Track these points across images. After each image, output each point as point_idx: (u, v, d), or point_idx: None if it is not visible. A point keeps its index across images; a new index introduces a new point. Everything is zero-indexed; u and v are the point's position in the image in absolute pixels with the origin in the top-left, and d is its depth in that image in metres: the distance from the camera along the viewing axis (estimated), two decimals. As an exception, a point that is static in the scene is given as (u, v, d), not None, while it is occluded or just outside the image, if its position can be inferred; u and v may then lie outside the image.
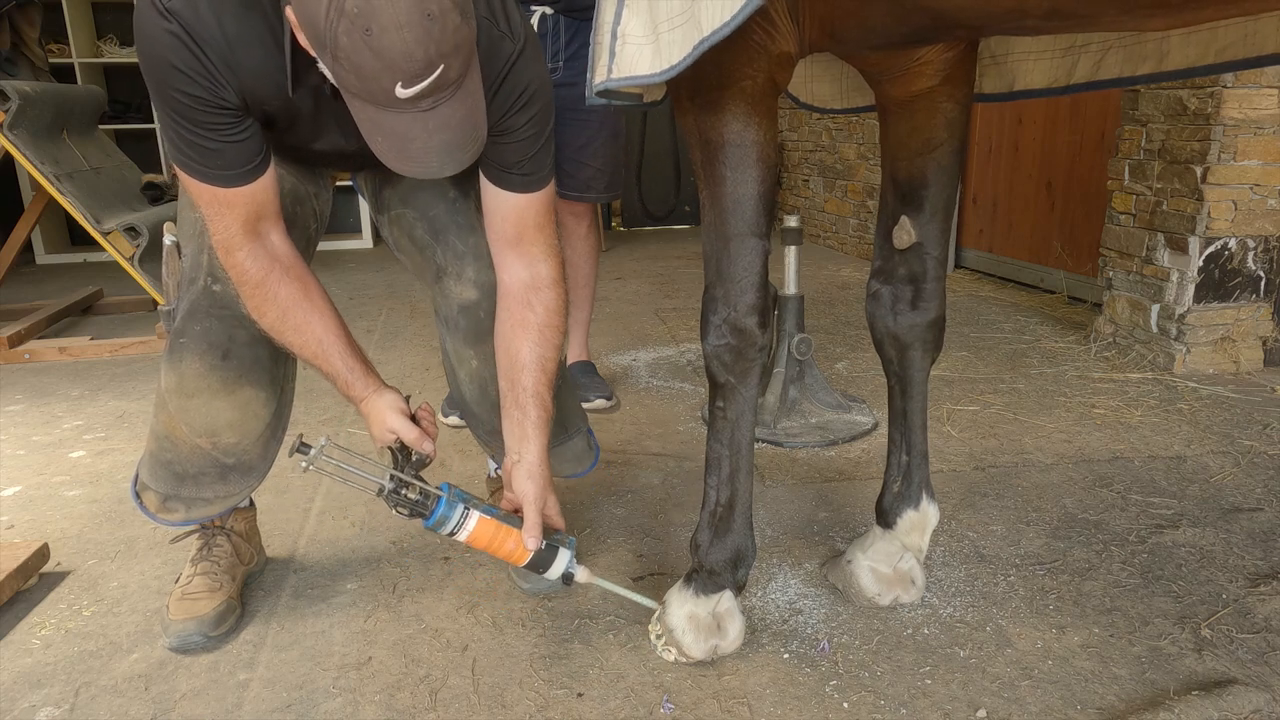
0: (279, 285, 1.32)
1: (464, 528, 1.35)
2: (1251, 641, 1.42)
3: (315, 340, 1.37)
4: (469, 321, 1.50)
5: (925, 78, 1.33)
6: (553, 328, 1.42)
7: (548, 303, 1.42)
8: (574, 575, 1.42)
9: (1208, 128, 2.59)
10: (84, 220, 3.29)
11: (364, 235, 6.14)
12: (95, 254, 5.44)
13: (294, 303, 1.33)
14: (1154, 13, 0.98)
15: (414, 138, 1.05)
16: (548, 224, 1.41)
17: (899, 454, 1.54)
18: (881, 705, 1.30)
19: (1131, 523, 1.83)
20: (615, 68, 1.14)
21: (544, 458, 1.42)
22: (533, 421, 1.41)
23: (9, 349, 3.23)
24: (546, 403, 1.42)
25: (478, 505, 1.37)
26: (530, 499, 1.38)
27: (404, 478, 1.35)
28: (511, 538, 1.37)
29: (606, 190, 2.53)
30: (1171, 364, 2.76)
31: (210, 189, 1.23)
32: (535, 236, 1.40)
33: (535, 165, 1.35)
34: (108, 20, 5.78)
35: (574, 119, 2.39)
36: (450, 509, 1.34)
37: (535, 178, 1.36)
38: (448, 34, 0.98)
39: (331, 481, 2.11)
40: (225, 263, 1.31)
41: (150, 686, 1.38)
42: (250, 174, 1.25)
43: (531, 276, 1.42)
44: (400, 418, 1.39)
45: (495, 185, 1.38)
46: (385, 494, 1.34)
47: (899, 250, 1.44)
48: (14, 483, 2.17)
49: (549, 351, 1.42)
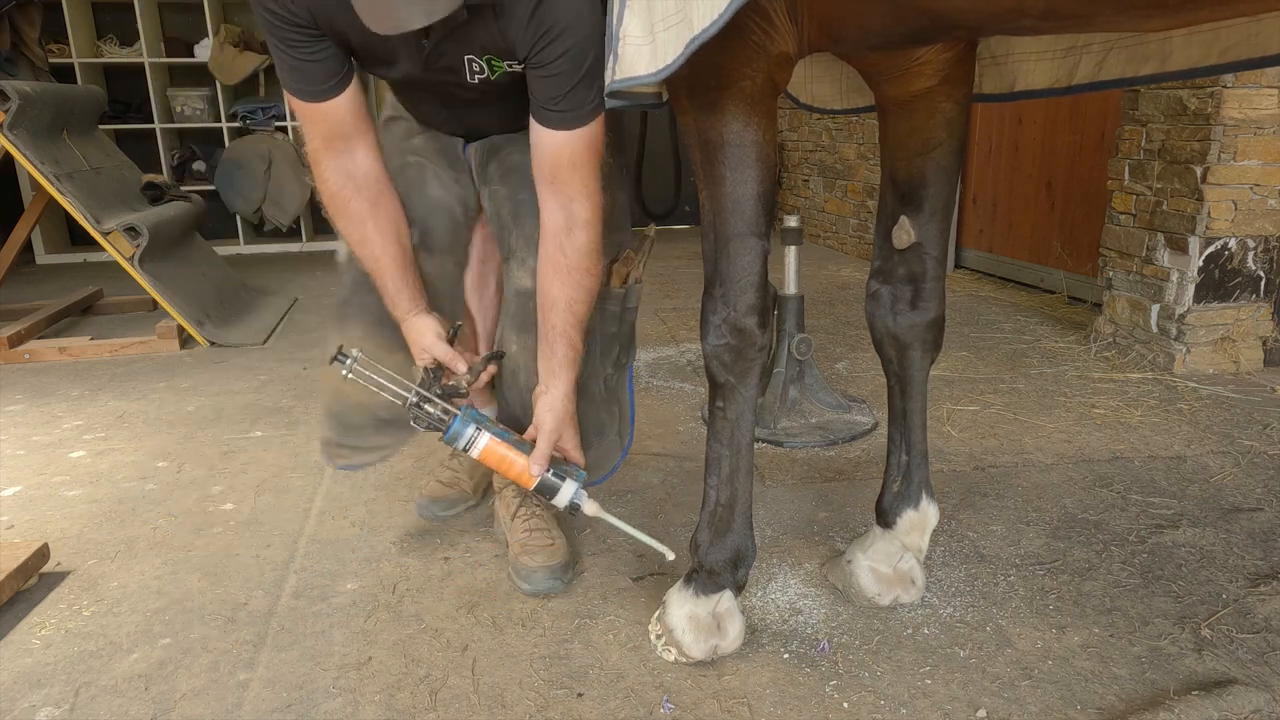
0: (351, 200, 1.46)
1: (475, 445, 1.45)
2: (1251, 641, 1.42)
3: (373, 257, 1.50)
4: (519, 308, 1.57)
5: (924, 78, 1.33)
6: (580, 269, 1.44)
7: (577, 244, 1.42)
8: (580, 506, 1.47)
9: (1208, 128, 2.59)
10: (84, 220, 3.29)
11: (364, 235, 6.14)
12: (95, 254, 5.44)
13: (360, 219, 1.47)
14: (1151, 13, 0.98)
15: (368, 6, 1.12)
16: (584, 164, 1.39)
17: (899, 454, 1.53)
18: (881, 705, 1.30)
19: (1131, 523, 1.83)
20: (618, 69, 1.15)
21: (568, 394, 1.47)
22: (559, 359, 1.47)
23: (9, 349, 3.23)
24: (574, 341, 1.47)
25: (491, 428, 1.46)
26: (545, 429, 1.45)
27: (426, 394, 1.46)
28: (521, 461, 1.45)
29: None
30: (1171, 364, 2.76)
31: (298, 103, 1.40)
32: (569, 176, 1.39)
33: (571, 103, 1.33)
34: (108, 20, 5.78)
35: None
36: (464, 426, 1.44)
37: (570, 115, 1.34)
38: None
39: (332, 481, 2.12)
40: (313, 171, 1.48)
41: (150, 686, 1.38)
42: (327, 92, 1.37)
43: (566, 217, 1.42)
44: (435, 339, 1.51)
45: (535, 121, 1.38)
46: (408, 406, 1.45)
47: (898, 250, 1.44)
48: (14, 483, 2.17)
49: (577, 293, 1.44)
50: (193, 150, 5.95)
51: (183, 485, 2.13)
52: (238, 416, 2.61)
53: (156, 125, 5.72)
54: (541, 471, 1.45)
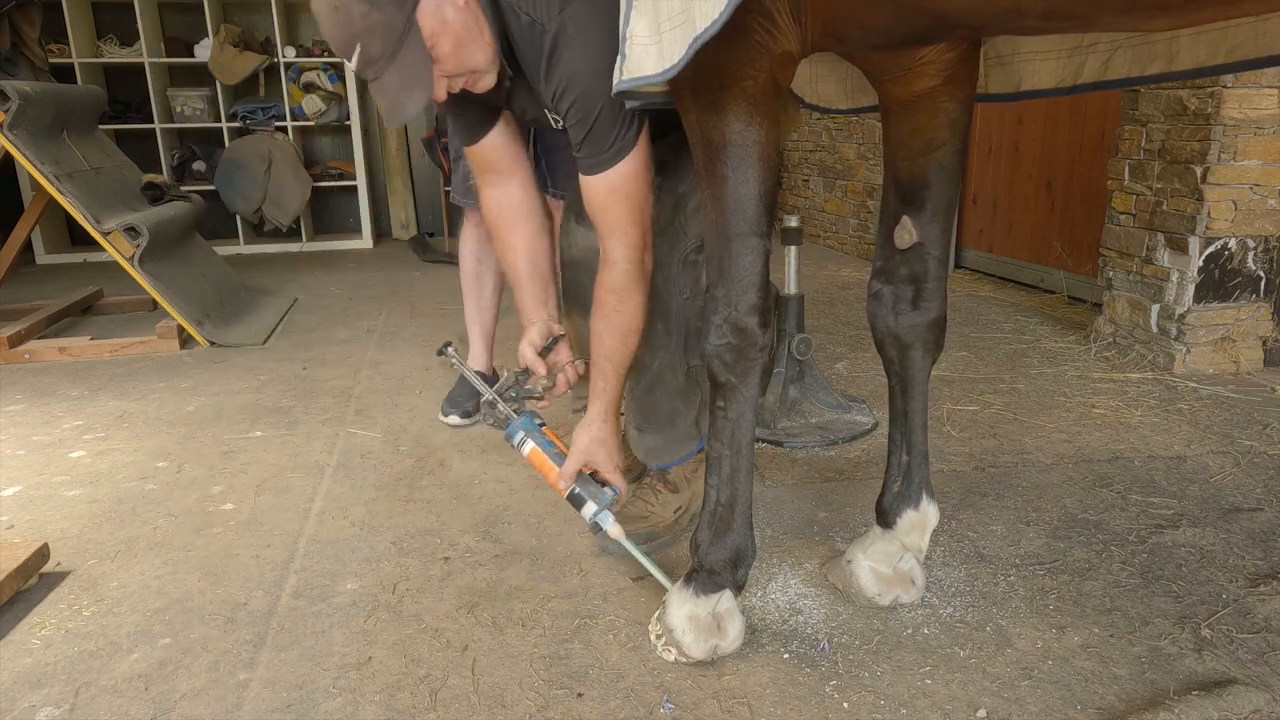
0: (495, 221, 1.68)
1: (523, 449, 1.58)
2: (1251, 641, 1.42)
3: (512, 268, 1.69)
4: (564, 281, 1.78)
5: (927, 78, 1.33)
6: (607, 306, 1.50)
7: (605, 280, 1.50)
8: (602, 526, 1.53)
9: (1208, 128, 2.59)
10: (84, 220, 3.28)
11: (364, 235, 6.15)
12: (95, 254, 5.44)
13: (501, 237, 1.69)
14: (1153, 14, 0.98)
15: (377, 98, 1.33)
16: (608, 207, 1.45)
17: (899, 454, 1.53)
18: (881, 705, 1.30)
19: (1131, 523, 1.83)
20: (625, 69, 1.16)
21: (602, 418, 1.56)
22: (595, 388, 1.57)
23: (9, 349, 3.23)
24: (605, 374, 1.55)
25: (538, 437, 1.58)
26: (575, 449, 1.55)
27: (496, 397, 1.59)
28: (556, 472, 1.56)
29: None
30: (1171, 364, 2.76)
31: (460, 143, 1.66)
32: (599, 217, 1.48)
33: (588, 150, 1.42)
34: (108, 20, 5.78)
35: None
36: (514, 432, 1.59)
37: (590, 161, 1.43)
38: (354, 20, 1.23)
39: (332, 481, 2.12)
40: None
41: (150, 686, 1.38)
42: (473, 135, 1.60)
43: (603, 253, 1.51)
44: (527, 346, 1.62)
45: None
46: (482, 403, 1.61)
47: (900, 250, 1.44)
48: (14, 483, 2.17)
49: (607, 329, 1.52)
50: (193, 150, 5.94)
51: (183, 485, 2.13)
52: (238, 416, 2.61)
53: (156, 125, 5.71)
54: (568, 486, 1.55)
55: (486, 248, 2.58)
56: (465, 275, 2.62)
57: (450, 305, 4.02)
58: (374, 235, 6.17)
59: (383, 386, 2.88)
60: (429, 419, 2.55)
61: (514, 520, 1.92)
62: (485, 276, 2.61)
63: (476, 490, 2.07)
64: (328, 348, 3.39)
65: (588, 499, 1.54)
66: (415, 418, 2.57)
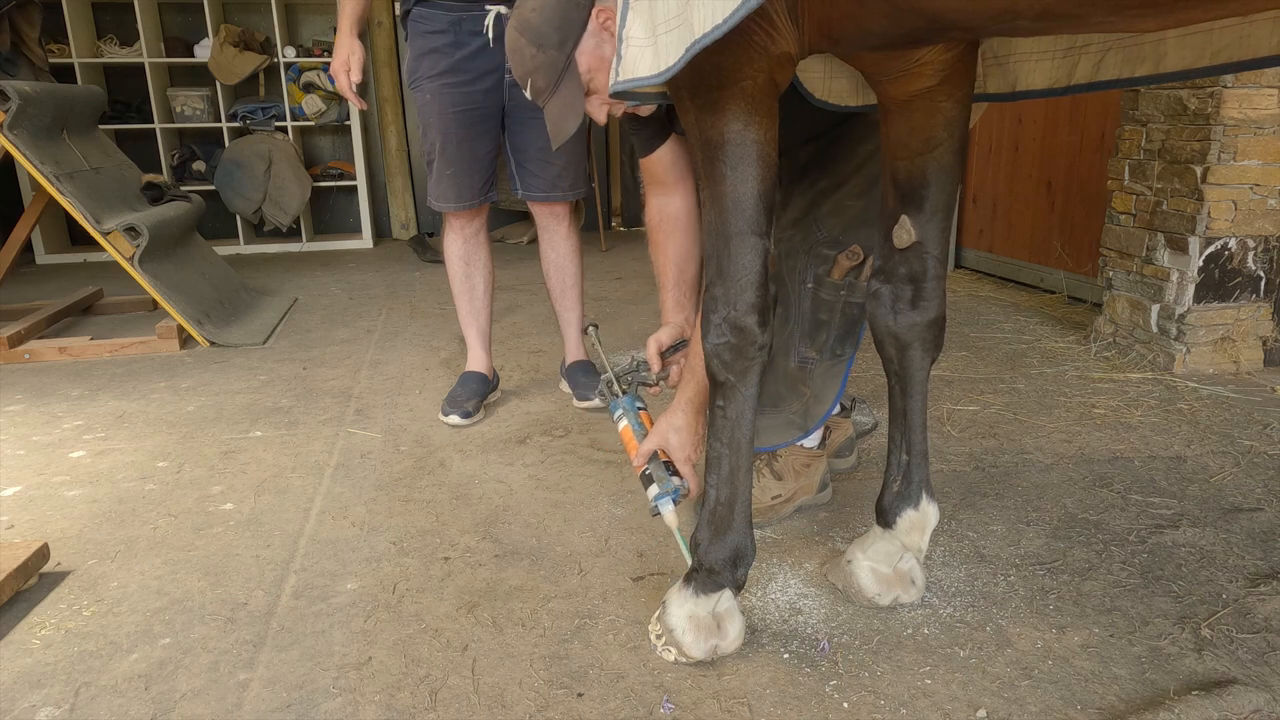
0: (656, 227, 1.81)
1: (618, 426, 1.68)
2: (1251, 641, 1.42)
3: (661, 271, 1.80)
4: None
5: (925, 78, 1.33)
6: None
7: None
8: (660, 512, 1.56)
9: (1208, 128, 2.59)
10: (84, 220, 3.28)
11: (364, 235, 6.14)
12: (95, 254, 5.44)
13: (655, 243, 1.82)
14: (1143, 13, 0.98)
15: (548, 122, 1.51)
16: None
17: (899, 453, 1.53)
18: (881, 705, 1.30)
19: (1131, 523, 1.83)
20: (621, 70, 1.16)
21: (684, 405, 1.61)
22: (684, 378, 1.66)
23: (9, 349, 3.23)
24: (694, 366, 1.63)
25: (633, 420, 1.67)
26: (655, 430, 1.61)
27: (612, 379, 1.72)
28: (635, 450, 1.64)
29: (573, 188, 2.55)
30: (1171, 364, 2.76)
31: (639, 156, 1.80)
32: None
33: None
34: (108, 20, 5.78)
35: (535, 119, 2.40)
36: (615, 409, 1.70)
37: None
38: (526, 60, 1.45)
39: (332, 481, 2.12)
40: None
41: (150, 686, 1.38)
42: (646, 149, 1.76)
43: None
44: (654, 344, 1.73)
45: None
46: (601, 379, 1.74)
47: (899, 249, 1.44)
48: (14, 483, 2.17)
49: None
50: (193, 150, 5.94)
51: (183, 485, 2.13)
52: (238, 416, 2.61)
53: (156, 125, 5.71)
54: (640, 465, 1.60)
55: (472, 249, 2.57)
56: (454, 279, 2.61)
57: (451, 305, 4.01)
58: (374, 235, 6.17)
59: (383, 386, 2.88)
60: (429, 419, 2.55)
61: (514, 520, 1.92)
62: (475, 278, 2.60)
63: (476, 490, 2.07)
64: (328, 348, 3.39)
65: (654, 482, 1.58)
66: (415, 418, 2.57)
